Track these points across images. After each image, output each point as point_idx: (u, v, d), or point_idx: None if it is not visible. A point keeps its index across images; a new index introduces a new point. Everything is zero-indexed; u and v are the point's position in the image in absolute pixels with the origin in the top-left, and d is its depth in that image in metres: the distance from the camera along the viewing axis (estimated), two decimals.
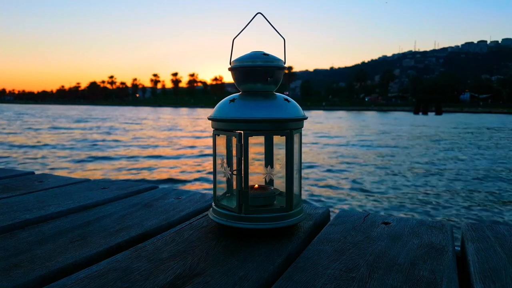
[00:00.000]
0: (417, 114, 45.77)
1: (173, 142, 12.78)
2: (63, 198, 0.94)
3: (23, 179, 1.17)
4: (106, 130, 17.61)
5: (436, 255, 0.61)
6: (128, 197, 0.96)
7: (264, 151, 0.79)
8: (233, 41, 0.72)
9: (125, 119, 29.09)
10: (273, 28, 0.73)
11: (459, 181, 6.57)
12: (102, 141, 12.64)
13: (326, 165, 8.06)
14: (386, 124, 24.11)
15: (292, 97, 0.73)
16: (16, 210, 0.83)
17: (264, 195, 0.73)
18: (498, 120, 32.06)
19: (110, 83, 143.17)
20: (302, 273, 0.55)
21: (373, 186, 6.13)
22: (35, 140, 12.45)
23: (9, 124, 20.38)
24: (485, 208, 4.93)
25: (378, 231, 0.73)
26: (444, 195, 5.52)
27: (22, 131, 16.01)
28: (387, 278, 0.53)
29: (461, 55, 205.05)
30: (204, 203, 0.91)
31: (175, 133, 16.40)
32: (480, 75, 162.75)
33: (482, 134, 17.47)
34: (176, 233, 0.71)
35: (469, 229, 0.74)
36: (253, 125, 0.66)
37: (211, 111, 0.72)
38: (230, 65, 0.72)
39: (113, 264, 0.57)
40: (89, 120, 26.47)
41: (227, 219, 0.69)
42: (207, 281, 0.52)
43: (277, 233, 0.70)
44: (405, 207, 4.86)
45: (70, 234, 0.70)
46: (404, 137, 15.03)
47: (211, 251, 0.63)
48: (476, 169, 7.76)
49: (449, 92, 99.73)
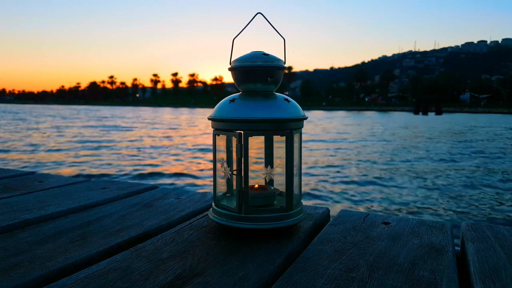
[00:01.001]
0: (417, 114, 45.76)
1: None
2: (63, 198, 0.94)
3: (23, 179, 1.17)
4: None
5: (436, 255, 0.61)
6: (128, 197, 0.96)
7: (264, 151, 0.79)
8: (233, 41, 0.72)
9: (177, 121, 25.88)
10: (273, 28, 0.73)
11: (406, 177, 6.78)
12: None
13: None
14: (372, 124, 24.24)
15: (292, 97, 0.73)
16: (16, 210, 0.83)
17: (264, 195, 0.73)
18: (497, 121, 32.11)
19: (110, 83, 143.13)
20: (302, 273, 0.55)
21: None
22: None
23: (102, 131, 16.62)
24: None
25: (378, 231, 0.73)
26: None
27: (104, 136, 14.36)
28: (387, 278, 0.53)
29: (461, 55, 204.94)
30: (204, 203, 0.91)
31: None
32: (480, 75, 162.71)
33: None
34: (176, 233, 0.71)
35: (469, 229, 0.74)
36: (253, 125, 0.66)
37: (211, 111, 0.72)
38: (230, 65, 0.72)
39: (113, 264, 0.57)
40: (157, 122, 24.09)
41: (227, 219, 0.69)
42: (207, 281, 0.52)
43: (277, 233, 0.70)
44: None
45: (70, 234, 0.70)
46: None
47: (211, 251, 0.63)
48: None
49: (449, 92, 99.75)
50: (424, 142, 13.08)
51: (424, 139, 13.99)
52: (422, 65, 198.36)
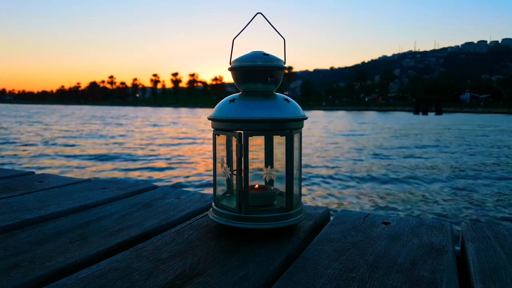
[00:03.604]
0: (417, 114, 45.74)
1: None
2: (63, 198, 0.94)
3: (23, 179, 1.17)
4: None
5: (436, 255, 0.61)
6: (128, 197, 0.96)
7: (264, 151, 0.79)
8: (233, 41, 0.72)
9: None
10: (273, 28, 0.73)
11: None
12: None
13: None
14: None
15: (292, 97, 0.73)
16: (16, 210, 0.83)
17: (264, 195, 0.73)
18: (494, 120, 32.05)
19: (110, 83, 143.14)
20: (302, 273, 0.55)
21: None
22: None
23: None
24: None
25: (378, 231, 0.73)
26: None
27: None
28: (387, 278, 0.53)
29: (461, 55, 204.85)
30: (204, 203, 0.91)
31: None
32: (480, 75, 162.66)
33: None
34: (176, 233, 0.71)
35: (469, 229, 0.74)
36: (253, 125, 0.66)
37: (211, 111, 0.72)
38: (230, 65, 0.72)
39: (113, 264, 0.57)
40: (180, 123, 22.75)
41: (227, 219, 0.69)
42: (207, 281, 0.52)
43: (277, 233, 0.70)
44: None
45: (70, 234, 0.70)
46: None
47: (211, 251, 0.63)
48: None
49: (449, 92, 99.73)
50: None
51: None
52: (422, 65, 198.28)
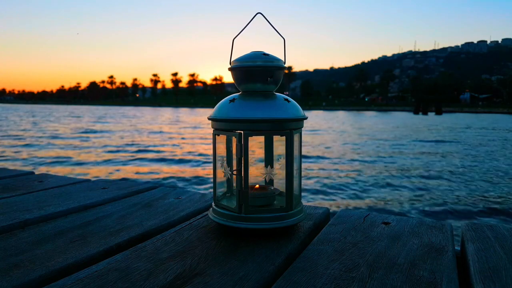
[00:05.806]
0: (417, 114, 45.73)
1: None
2: (63, 198, 0.94)
3: (23, 179, 1.17)
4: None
5: (436, 255, 0.61)
6: (128, 197, 0.96)
7: (264, 151, 0.79)
8: (233, 41, 0.72)
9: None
10: (273, 28, 0.73)
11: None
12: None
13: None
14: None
15: (292, 97, 0.73)
16: (16, 210, 0.83)
17: (264, 195, 0.73)
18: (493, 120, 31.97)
19: (110, 83, 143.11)
20: (302, 273, 0.55)
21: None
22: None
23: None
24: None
25: (378, 231, 0.73)
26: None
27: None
28: (387, 278, 0.53)
29: (461, 55, 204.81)
30: (204, 203, 0.91)
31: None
32: (480, 75, 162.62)
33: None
34: (176, 233, 0.71)
35: (469, 229, 0.74)
36: (253, 125, 0.66)
37: (211, 111, 0.72)
38: (230, 65, 0.72)
39: (113, 264, 0.57)
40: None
41: (227, 219, 0.69)
42: (207, 281, 0.52)
43: (277, 233, 0.70)
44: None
45: (70, 234, 0.70)
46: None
47: (211, 251, 0.63)
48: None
49: (449, 92, 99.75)
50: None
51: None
52: (422, 65, 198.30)
